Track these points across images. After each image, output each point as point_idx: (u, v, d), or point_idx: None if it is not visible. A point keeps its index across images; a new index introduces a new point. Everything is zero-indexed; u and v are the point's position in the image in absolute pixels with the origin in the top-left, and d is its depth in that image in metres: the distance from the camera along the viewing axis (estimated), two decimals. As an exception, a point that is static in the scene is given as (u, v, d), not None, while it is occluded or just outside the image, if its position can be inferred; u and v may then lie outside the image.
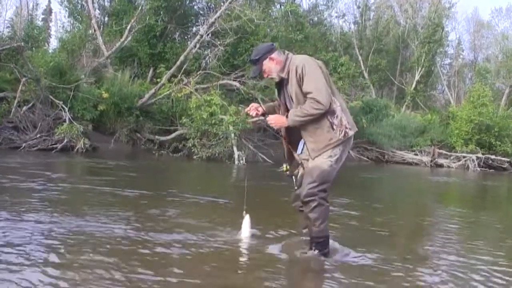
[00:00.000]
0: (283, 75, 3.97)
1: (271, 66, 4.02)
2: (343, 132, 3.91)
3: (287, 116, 3.93)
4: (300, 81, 3.85)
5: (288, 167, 4.15)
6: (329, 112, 3.86)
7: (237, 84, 17.43)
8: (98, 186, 7.28)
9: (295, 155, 4.17)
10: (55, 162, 11.07)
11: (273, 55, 4.03)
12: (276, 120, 4.01)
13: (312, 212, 3.91)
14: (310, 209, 3.91)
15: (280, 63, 4.00)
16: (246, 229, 4.40)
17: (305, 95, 3.84)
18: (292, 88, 3.92)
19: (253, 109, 4.22)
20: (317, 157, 3.91)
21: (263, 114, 4.22)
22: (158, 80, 17.11)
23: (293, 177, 4.07)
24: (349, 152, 4.27)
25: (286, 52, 4.09)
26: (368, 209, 7.18)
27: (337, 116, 3.89)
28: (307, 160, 4.02)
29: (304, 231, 4.18)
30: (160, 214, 5.36)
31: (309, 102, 3.79)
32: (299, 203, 4.05)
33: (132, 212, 5.30)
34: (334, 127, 3.89)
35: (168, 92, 16.42)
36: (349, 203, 7.33)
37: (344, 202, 7.19)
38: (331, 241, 4.10)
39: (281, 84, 4.06)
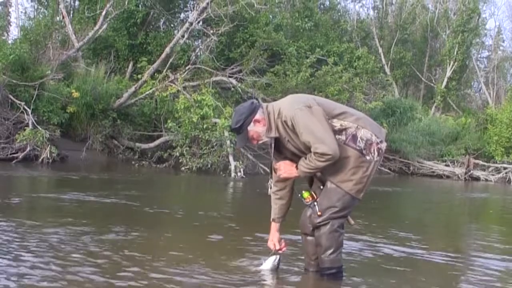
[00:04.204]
0: (273, 135, 3.93)
1: (258, 130, 3.96)
2: (375, 151, 3.94)
3: (297, 166, 3.96)
4: (297, 132, 3.84)
5: (309, 192, 4.05)
6: (350, 140, 3.88)
7: (233, 81, 17.49)
8: (59, 204, 7.29)
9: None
10: (13, 175, 11.06)
11: (258, 116, 3.93)
12: (285, 170, 4.02)
13: (324, 239, 3.93)
14: (321, 234, 3.94)
15: (263, 131, 3.94)
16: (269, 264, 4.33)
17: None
18: (294, 142, 3.91)
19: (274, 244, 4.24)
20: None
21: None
22: (139, 76, 17.16)
23: (316, 204, 3.99)
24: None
25: (264, 104, 4.02)
26: (384, 233, 7.19)
27: (361, 139, 3.90)
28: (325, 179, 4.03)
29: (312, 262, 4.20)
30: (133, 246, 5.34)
31: (313, 155, 3.81)
32: (309, 226, 4.06)
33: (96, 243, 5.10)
34: (364, 152, 3.90)
35: (151, 91, 16.47)
36: (362, 226, 7.34)
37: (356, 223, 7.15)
38: None
39: (276, 143, 4.01)
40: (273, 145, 4.00)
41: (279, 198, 4.21)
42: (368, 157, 3.90)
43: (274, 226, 4.25)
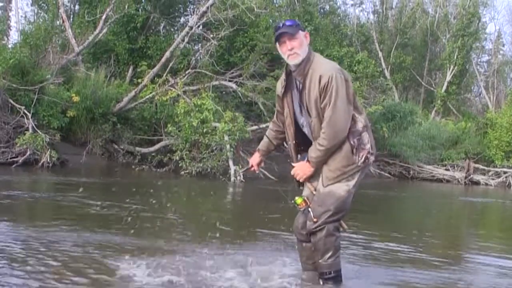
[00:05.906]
0: (300, 78, 3.93)
1: (303, 43, 3.91)
2: (363, 157, 3.93)
3: (308, 160, 3.97)
4: (322, 95, 3.83)
5: (303, 198, 4.03)
6: (351, 132, 3.89)
7: (233, 85, 17.53)
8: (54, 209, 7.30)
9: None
10: (11, 179, 11.06)
11: (308, 36, 3.98)
12: (302, 170, 4.02)
13: (321, 244, 3.93)
14: (317, 239, 3.94)
15: (305, 51, 3.91)
16: None
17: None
18: (311, 98, 3.88)
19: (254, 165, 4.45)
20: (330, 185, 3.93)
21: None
22: (139, 80, 17.19)
23: (310, 210, 3.96)
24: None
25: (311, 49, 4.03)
26: (384, 235, 7.22)
27: (359, 138, 3.92)
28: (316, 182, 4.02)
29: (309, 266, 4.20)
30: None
31: (323, 134, 3.82)
32: (303, 233, 4.08)
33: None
34: (355, 150, 3.90)
35: (151, 95, 16.50)
36: (359, 231, 7.36)
37: (352, 229, 7.17)
38: None
39: (291, 85, 4.04)
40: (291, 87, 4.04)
41: (271, 137, 4.39)
42: (354, 157, 3.91)
43: (257, 154, 4.46)
